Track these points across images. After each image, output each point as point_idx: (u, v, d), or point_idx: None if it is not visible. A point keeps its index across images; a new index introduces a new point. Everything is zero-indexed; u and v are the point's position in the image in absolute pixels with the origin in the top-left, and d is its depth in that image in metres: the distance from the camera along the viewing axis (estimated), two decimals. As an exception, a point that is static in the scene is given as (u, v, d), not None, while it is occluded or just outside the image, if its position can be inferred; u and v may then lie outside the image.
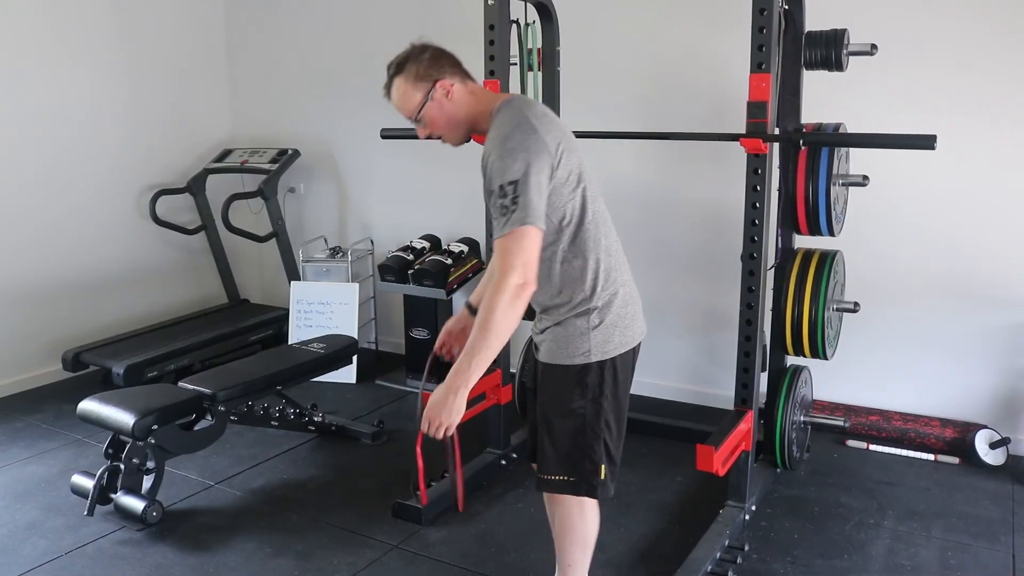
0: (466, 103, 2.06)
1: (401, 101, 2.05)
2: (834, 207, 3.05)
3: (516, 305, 1.84)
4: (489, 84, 3.06)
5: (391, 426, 3.87)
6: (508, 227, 1.85)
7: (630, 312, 2.11)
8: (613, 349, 2.06)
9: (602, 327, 2.04)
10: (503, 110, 2.01)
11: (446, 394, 1.88)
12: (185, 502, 3.18)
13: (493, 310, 1.84)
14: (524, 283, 1.85)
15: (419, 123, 2.08)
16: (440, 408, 1.89)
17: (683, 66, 3.90)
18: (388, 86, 2.07)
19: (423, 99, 2.03)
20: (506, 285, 1.83)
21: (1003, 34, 3.28)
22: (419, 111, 2.04)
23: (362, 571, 2.71)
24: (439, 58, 2.04)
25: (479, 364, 1.86)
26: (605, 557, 2.76)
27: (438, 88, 2.02)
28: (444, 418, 1.89)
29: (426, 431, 1.92)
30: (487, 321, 1.85)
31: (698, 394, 4.12)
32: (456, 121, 2.07)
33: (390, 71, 2.07)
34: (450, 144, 2.14)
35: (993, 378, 3.52)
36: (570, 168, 1.98)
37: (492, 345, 1.86)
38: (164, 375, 4.21)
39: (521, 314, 1.87)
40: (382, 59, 2.13)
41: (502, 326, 1.85)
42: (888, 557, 2.77)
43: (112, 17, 4.68)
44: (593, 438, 2.08)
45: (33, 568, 2.74)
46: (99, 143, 4.69)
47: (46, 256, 4.49)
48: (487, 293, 1.89)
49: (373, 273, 4.81)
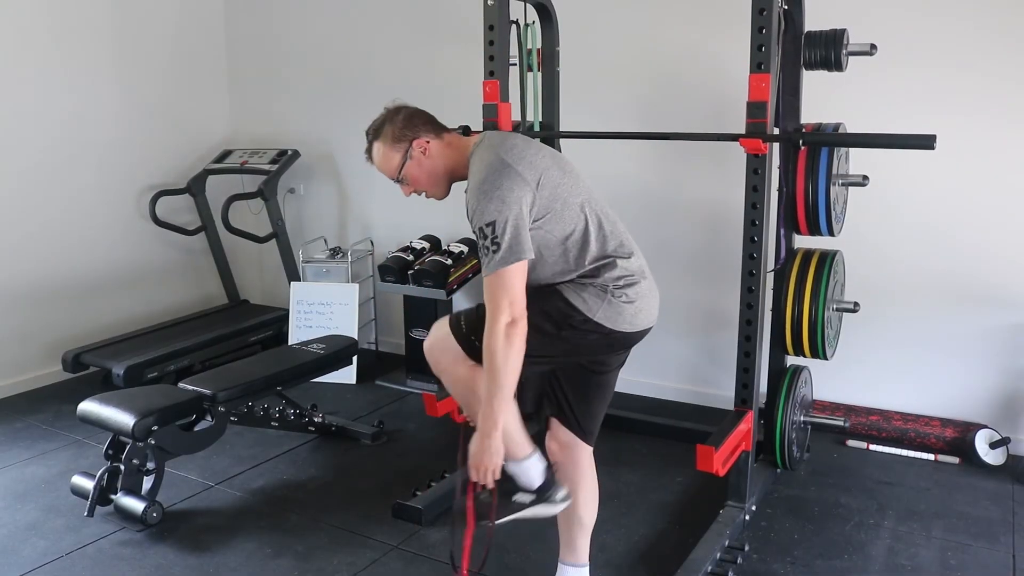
0: (444, 156, 2.15)
1: (382, 164, 2.17)
2: (834, 207, 3.05)
3: (513, 342, 1.92)
4: (489, 84, 3.06)
5: (391, 427, 3.87)
6: (492, 268, 1.93)
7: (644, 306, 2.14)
8: (615, 325, 2.09)
9: (615, 303, 2.07)
10: (477, 153, 2.08)
11: (481, 440, 1.99)
12: (185, 503, 3.18)
13: (494, 355, 1.92)
14: (512, 320, 1.92)
15: (402, 182, 2.17)
16: (482, 455, 1.99)
17: (683, 66, 3.90)
18: (369, 151, 2.20)
19: (402, 159, 2.14)
20: (497, 328, 1.91)
21: (1003, 34, 3.28)
22: (400, 171, 2.15)
23: (362, 571, 2.71)
24: (413, 118, 2.15)
25: (499, 406, 1.95)
26: (605, 557, 2.76)
27: (415, 147, 2.12)
28: (487, 462, 1.99)
29: (477, 479, 2.01)
30: (491, 367, 1.94)
31: (698, 394, 4.12)
32: (436, 176, 2.17)
33: (368, 137, 2.19)
34: (435, 198, 2.23)
35: (993, 378, 3.52)
36: (553, 184, 2.03)
37: (504, 385, 1.94)
38: (164, 376, 4.21)
39: (521, 347, 1.93)
40: (382, 59, 2.15)
41: (507, 367, 1.93)
42: (888, 557, 2.77)
43: (111, 17, 4.68)
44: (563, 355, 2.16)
45: (33, 569, 2.74)
46: (99, 144, 4.69)
47: (46, 257, 4.49)
48: (484, 338, 1.95)
49: (373, 274, 4.81)
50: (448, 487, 3.13)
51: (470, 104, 3.37)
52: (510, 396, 1.97)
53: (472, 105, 3.23)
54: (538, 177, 2.00)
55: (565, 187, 2.05)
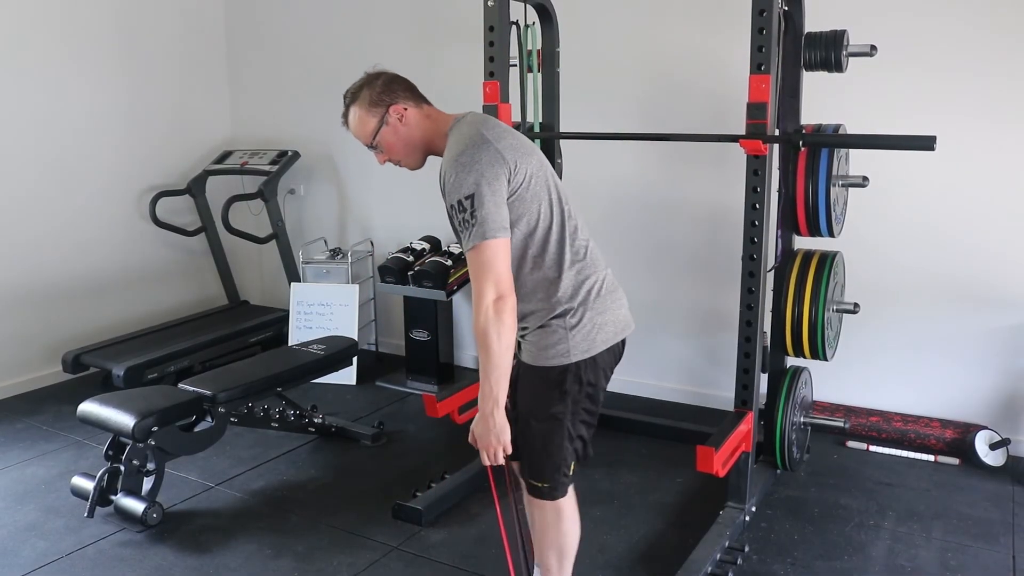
0: (421, 126, 2.09)
1: (357, 128, 2.10)
2: (834, 208, 3.05)
3: (503, 319, 1.88)
4: (489, 85, 3.06)
5: (391, 427, 3.87)
6: (471, 241, 1.89)
7: (609, 309, 2.09)
8: (594, 348, 2.06)
9: (581, 327, 2.04)
10: (456, 127, 2.04)
11: (484, 421, 1.95)
12: (185, 503, 3.18)
13: (485, 334, 1.88)
14: (499, 296, 1.88)
15: (376, 149, 2.11)
16: (487, 435, 1.95)
17: (683, 67, 3.90)
18: (345, 115, 2.13)
19: (378, 124, 2.07)
20: (484, 307, 1.88)
21: (1003, 35, 3.28)
22: (375, 136, 2.08)
23: (362, 572, 2.71)
24: (392, 83, 2.10)
25: (497, 384, 1.91)
26: (605, 558, 2.76)
27: (392, 113, 2.07)
28: (494, 441, 1.95)
29: (487, 462, 1.98)
30: (484, 347, 1.90)
31: (698, 395, 4.12)
32: (412, 144, 2.10)
33: (346, 100, 2.12)
34: (408, 168, 2.16)
35: (993, 379, 3.52)
36: (528, 173, 1.98)
37: (499, 364, 1.90)
38: (164, 377, 4.21)
39: (513, 324, 1.90)
40: (383, 59, 2.15)
41: (500, 345, 1.88)
42: (888, 558, 2.77)
43: (112, 18, 4.68)
44: (567, 440, 2.09)
45: (33, 570, 2.74)
46: (99, 144, 4.69)
47: (46, 257, 4.49)
48: (474, 319, 1.92)
49: (373, 274, 4.81)
50: (449, 488, 3.14)
51: (470, 105, 3.34)
52: (506, 374, 1.92)
53: (472, 106, 3.21)
54: (515, 160, 1.96)
55: (539, 180, 2.01)
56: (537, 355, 2.06)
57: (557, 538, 2.22)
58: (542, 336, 2.05)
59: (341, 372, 4.05)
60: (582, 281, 2.05)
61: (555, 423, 2.07)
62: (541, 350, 2.05)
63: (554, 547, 2.23)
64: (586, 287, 2.05)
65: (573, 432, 2.09)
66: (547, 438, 2.08)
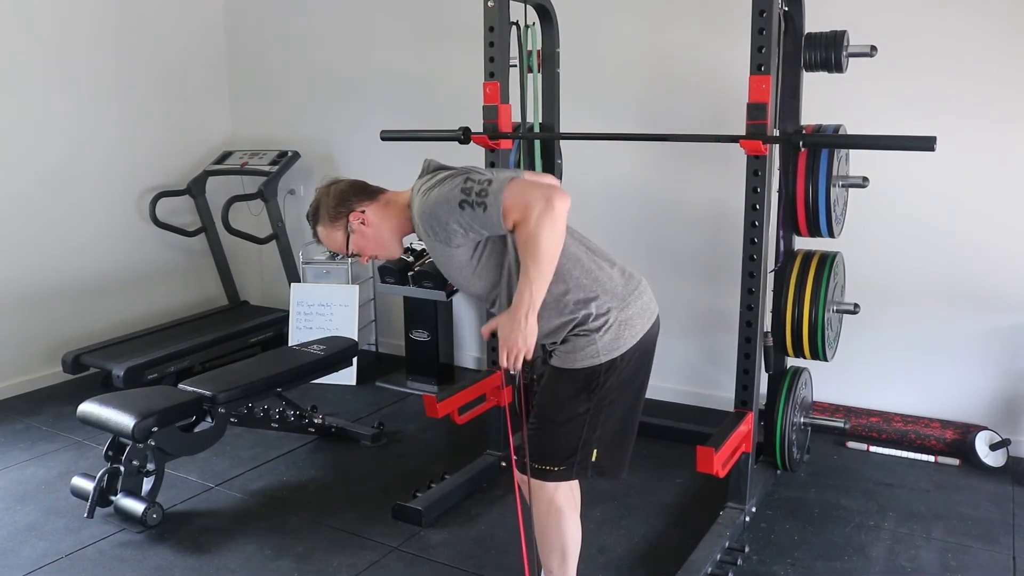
0: (384, 218, 2.16)
1: (329, 244, 2.20)
2: (834, 208, 3.05)
3: (556, 221, 1.86)
4: (489, 86, 3.06)
5: (391, 428, 3.87)
6: (499, 201, 1.89)
7: (632, 304, 2.11)
8: (624, 344, 2.08)
9: (608, 330, 2.06)
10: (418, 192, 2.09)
11: (515, 319, 1.92)
12: (185, 504, 3.18)
13: (537, 240, 1.85)
14: (548, 199, 1.86)
15: (353, 254, 2.20)
16: (515, 334, 1.92)
17: (683, 68, 3.90)
18: (315, 235, 2.22)
19: (345, 235, 2.16)
20: (535, 214, 1.85)
21: (1003, 35, 3.28)
22: (347, 246, 2.17)
23: (362, 573, 2.71)
24: (343, 193, 2.17)
25: (539, 291, 1.91)
26: (605, 559, 2.76)
27: (352, 220, 2.14)
28: (520, 343, 1.93)
29: (504, 364, 1.96)
30: (533, 248, 1.87)
31: (698, 396, 4.12)
32: (382, 240, 2.18)
33: (310, 222, 2.22)
34: (388, 259, 2.24)
35: (993, 380, 3.52)
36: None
37: (543, 270, 1.89)
38: (164, 377, 4.21)
39: (563, 227, 1.90)
40: (383, 60, 2.15)
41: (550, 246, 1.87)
42: (888, 559, 2.76)
43: (112, 19, 4.68)
44: (590, 432, 2.10)
45: (33, 570, 2.74)
46: (99, 145, 4.69)
47: (46, 258, 4.49)
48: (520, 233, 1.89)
49: (373, 275, 4.81)
50: (449, 488, 3.14)
51: (470, 105, 3.38)
52: (549, 276, 1.92)
53: (472, 106, 3.24)
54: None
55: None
56: (565, 358, 2.08)
57: (559, 539, 2.22)
58: (570, 347, 2.07)
59: (341, 372, 4.05)
60: (598, 289, 2.07)
61: (579, 420, 2.08)
62: (569, 354, 2.07)
63: (556, 549, 2.24)
64: (603, 291, 2.07)
65: (596, 424, 2.10)
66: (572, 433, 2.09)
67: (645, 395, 2.24)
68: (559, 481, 2.15)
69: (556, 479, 2.14)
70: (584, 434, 2.09)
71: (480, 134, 3.09)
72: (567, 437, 2.10)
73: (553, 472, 2.12)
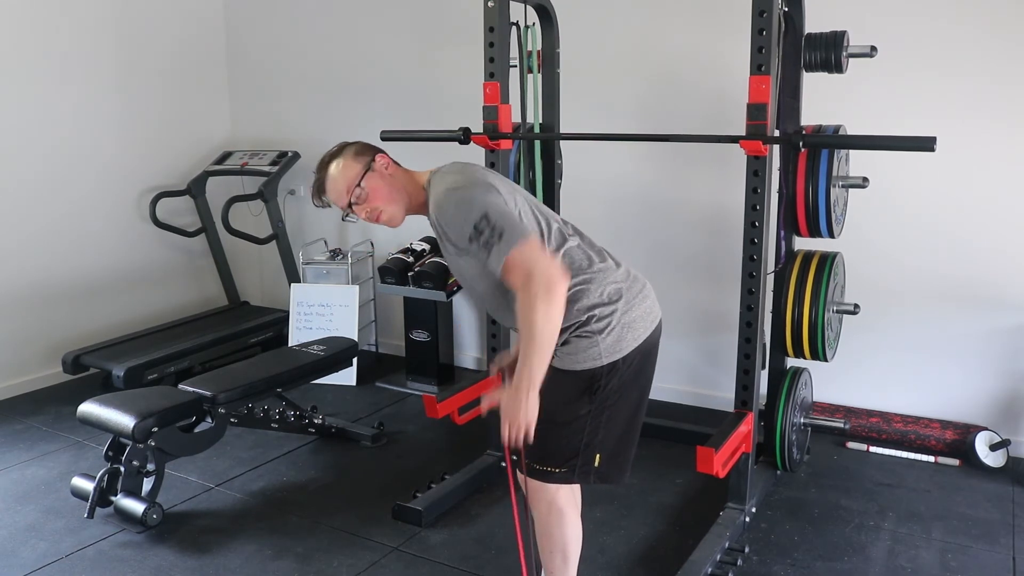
0: (403, 178, 2.12)
1: (339, 175, 2.06)
2: (834, 209, 3.05)
3: (553, 304, 1.86)
4: (489, 86, 3.07)
5: (391, 428, 3.87)
6: (503, 255, 1.89)
7: (635, 307, 2.11)
8: (626, 347, 2.07)
9: (611, 331, 2.05)
10: (437, 175, 2.08)
11: (517, 397, 1.91)
12: (185, 504, 3.18)
13: (532, 322, 1.86)
14: (548, 281, 1.86)
15: (359, 198, 2.08)
16: (517, 411, 1.91)
17: (683, 68, 3.90)
18: (322, 177, 2.09)
19: (363, 169, 2.06)
20: (532, 293, 1.85)
21: (1003, 36, 3.28)
22: (360, 179, 2.06)
23: (362, 573, 2.71)
24: (370, 145, 2.13)
25: (539, 371, 1.90)
26: (605, 559, 2.76)
27: (378, 160, 2.09)
28: (522, 418, 1.92)
29: (508, 438, 1.94)
30: (531, 334, 1.87)
31: (698, 396, 4.12)
32: (397, 192, 2.10)
33: (323, 162, 2.11)
34: (389, 223, 2.14)
35: (993, 380, 3.52)
36: (517, 201, 2.04)
37: (543, 347, 1.89)
38: (164, 377, 4.21)
39: (562, 307, 1.88)
40: (383, 61, 2.15)
41: (546, 325, 1.87)
42: (888, 559, 2.76)
43: (112, 19, 4.68)
44: (592, 435, 2.09)
45: (33, 571, 2.74)
46: (99, 145, 4.69)
47: (46, 258, 4.49)
48: (520, 308, 1.89)
49: (373, 275, 4.81)
50: (449, 489, 3.14)
51: (470, 105, 3.38)
52: (548, 358, 1.91)
53: (472, 107, 3.24)
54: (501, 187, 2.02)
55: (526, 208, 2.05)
56: (565, 359, 2.07)
57: (560, 540, 2.23)
58: (571, 348, 2.06)
59: (341, 373, 4.05)
60: (602, 290, 2.07)
61: (580, 421, 2.08)
62: (570, 355, 2.07)
63: (558, 550, 2.24)
64: (607, 292, 2.07)
65: (597, 426, 2.09)
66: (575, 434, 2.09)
67: (648, 400, 2.23)
68: (560, 483, 2.15)
69: (557, 481, 2.14)
70: (586, 437, 2.09)
71: (480, 134, 3.09)
72: (568, 438, 2.09)
73: (554, 473, 2.12)
